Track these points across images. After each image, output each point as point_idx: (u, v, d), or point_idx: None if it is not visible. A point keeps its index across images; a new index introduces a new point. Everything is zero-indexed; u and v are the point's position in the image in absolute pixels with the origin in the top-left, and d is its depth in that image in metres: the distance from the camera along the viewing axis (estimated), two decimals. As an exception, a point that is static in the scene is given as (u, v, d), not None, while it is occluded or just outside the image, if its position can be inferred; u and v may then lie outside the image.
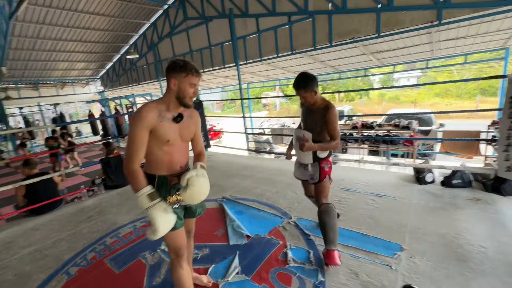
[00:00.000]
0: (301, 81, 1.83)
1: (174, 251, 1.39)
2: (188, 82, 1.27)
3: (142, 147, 1.25)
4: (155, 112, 1.27)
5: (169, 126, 1.30)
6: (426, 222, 2.22)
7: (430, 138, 5.00)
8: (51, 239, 2.59)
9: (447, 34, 5.84)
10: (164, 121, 1.28)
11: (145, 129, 1.25)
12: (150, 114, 1.25)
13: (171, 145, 1.32)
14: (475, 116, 17.17)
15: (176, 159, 1.36)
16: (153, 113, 1.26)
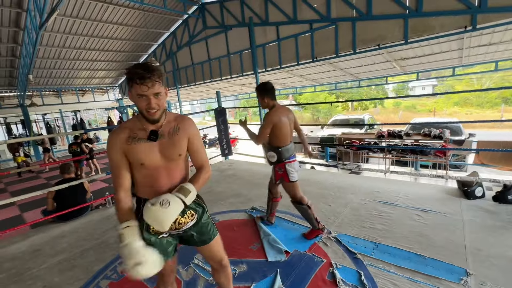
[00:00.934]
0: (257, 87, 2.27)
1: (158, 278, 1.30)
2: (135, 93, 1.03)
3: (121, 173, 1.11)
4: (125, 133, 1.11)
5: (142, 147, 1.10)
6: (487, 243, 1.99)
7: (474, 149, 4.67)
8: (79, 248, 2.51)
9: (480, 40, 5.58)
10: (136, 142, 1.10)
11: (117, 154, 1.10)
12: (118, 137, 1.10)
13: (150, 168, 1.12)
14: (499, 126, 16.42)
15: (162, 182, 1.15)
16: (121, 136, 1.11)
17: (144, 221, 1.08)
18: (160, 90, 1.04)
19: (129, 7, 8.03)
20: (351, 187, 3.35)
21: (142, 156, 1.10)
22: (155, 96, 1.04)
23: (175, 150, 1.15)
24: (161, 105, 1.07)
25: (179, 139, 1.16)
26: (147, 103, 1.04)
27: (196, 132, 1.23)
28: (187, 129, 1.19)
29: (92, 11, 7.76)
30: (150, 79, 1.00)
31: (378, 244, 2.11)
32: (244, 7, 7.44)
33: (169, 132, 1.15)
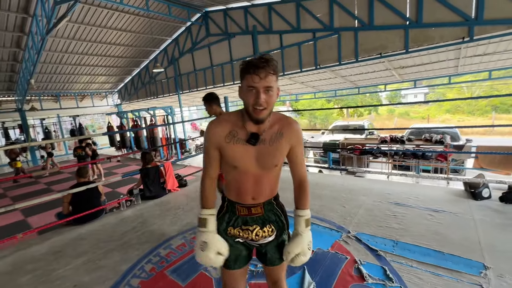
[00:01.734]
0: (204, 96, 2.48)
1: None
2: (246, 85, 0.95)
3: (212, 164, 1.10)
4: (225, 128, 1.04)
5: (239, 149, 1.02)
6: (499, 240, 2.11)
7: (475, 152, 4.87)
8: (101, 249, 2.53)
9: (475, 50, 5.87)
10: (234, 142, 1.02)
11: (212, 147, 1.06)
12: (217, 131, 1.04)
13: (241, 173, 1.06)
14: (490, 133, 16.94)
15: (248, 189, 1.08)
16: (220, 130, 1.04)
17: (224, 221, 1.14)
18: (272, 85, 0.93)
19: (134, 14, 8.15)
20: (362, 190, 3.46)
21: (237, 159, 1.03)
22: (265, 91, 0.93)
23: (273, 159, 1.04)
24: (270, 103, 0.95)
25: (280, 148, 1.04)
26: (255, 97, 0.93)
27: (300, 140, 1.09)
28: (291, 136, 1.05)
29: (98, 17, 7.86)
30: (264, 69, 0.90)
31: (397, 242, 2.21)
32: (247, 16, 7.65)
33: (271, 137, 1.03)
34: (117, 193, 6.17)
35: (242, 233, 1.13)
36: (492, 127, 16.88)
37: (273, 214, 1.15)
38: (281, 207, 1.20)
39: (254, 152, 1.02)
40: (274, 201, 1.16)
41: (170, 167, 4.07)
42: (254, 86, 0.92)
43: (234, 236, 1.14)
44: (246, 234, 1.13)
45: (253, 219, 1.13)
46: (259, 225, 1.12)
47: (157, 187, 3.82)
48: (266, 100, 0.94)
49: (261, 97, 0.92)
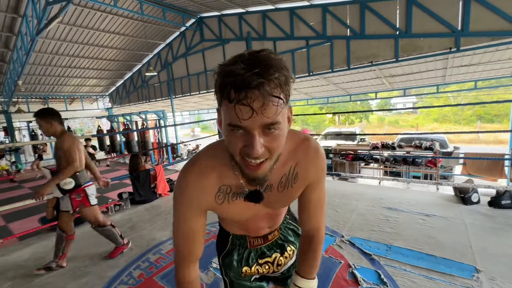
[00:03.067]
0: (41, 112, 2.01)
1: None
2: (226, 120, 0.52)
3: (195, 240, 0.71)
4: (211, 182, 0.65)
5: (238, 207, 0.69)
6: (490, 243, 2.14)
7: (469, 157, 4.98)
8: (88, 255, 2.43)
9: (461, 61, 6.09)
10: (229, 200, 0.68)
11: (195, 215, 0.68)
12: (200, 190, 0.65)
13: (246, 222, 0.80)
14: (476, 142, 17.50)
15: (261, 225, 0.83)
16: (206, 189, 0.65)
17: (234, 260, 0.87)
18: (279, 119, 0.50)
19: (127, 17, 8.11)
20: (354, 194, 3.47)
21: (237, 215, 0.73)
22: (266, 130, 0.50)
23: (285, 203, 0.75)
24: (275, 149, 0.53)
25: (295, 192, 0.72)
26: (246, 143, 0.51)
27: (322, 176, 0.73)
28: (309, 169, 0.69)
29: (90, 19, 7.77)
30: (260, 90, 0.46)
31: (391, 246, 2.21)
32: (242, 22, 7.73)
33: (280, 183, 0.68)
34: (105, 197, 6.00)
35: (261, 269, 0.87)
36: (478, 136, 17.40)
37: (289, 229, 0.92)
38: (294, 218, 0.97)
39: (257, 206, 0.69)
40: (287, 215, 0.93)
41: (161, 171, 3.99)
42: (243, 126, 0.49)
43: (251, 275, 0.89)
44: (265, 269, 0.87)
45: (269, 247, 0.87)
46: (279, 252, 0.88)
47: (147, 191, 3.73)
48: (268, 147, 0.52)
49: (256, 145, 0.50)
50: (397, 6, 5.30)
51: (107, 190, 6.60)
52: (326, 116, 26.59)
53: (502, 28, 4.40)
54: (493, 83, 13.57)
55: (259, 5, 7.00)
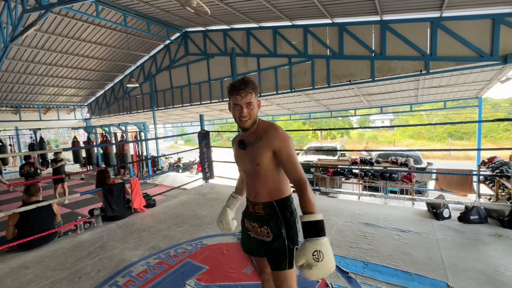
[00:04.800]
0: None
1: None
2: (232, 102, 1.22)
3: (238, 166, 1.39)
4: (236, 139, 1.36)
5: (238, 154, 1.32)
6: (460, 258, 2.20)
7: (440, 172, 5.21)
8: (48, 279, 2.23)
9: (431, 82, 6.53)
10: (234, 147, 1.35)
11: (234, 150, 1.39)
12: (234, 141, 1.37)
13: (241, 171, 1.37)
14: (448, 158, 18.52)
15: (249, 186, 1.31)
16: (235, 138, 1.38)
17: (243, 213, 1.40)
18: (252, 101, 1.19)
19: (110, 28, 8.03)
20: (334, 210, 3.50)
21: (236, 159, 1.34)
22: (247, 106, 1.18)
23: (254, 158, 1.21)
24: (252, 115, 1.20)
25: (259, 149, 1.19)
26: (239, 112, 1.19)
27: (284, 143, 1.16)
28: (270, 139, 1.18)
29: (71, 29, 7.62)
30: (244, 90, 1.16)
31: (367, 263, 2.21)
32: (227, 38, 7.89)
33: (254, 141, 1.23)
34: (77, 214, 5.64)
35: (249, 227, 1.33)
36: (449, 153, 18.45)
37: (273, 218, 1.22)
38: (284, 214, 1.23)
39: (244, 154, 1.26)
40: (276, 204, 1.24)
41: (137, 184, 3.82)
42: (238, 103, 1.18)
43: (246, 228, 1.37)
44: (251, 228, 1.32)
45: (255, 216, 1.28)
46: (258, 223, 1.27)
47: (121, 207, 3.54)
48: (248, 113, 1.20)
49: (243, 111, 1.19)
50: (372, 30, 5.67)
51: (79, 206, 6.22)
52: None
53: (465, 54, 4.80)
54: (461, 103, 14.63)
55: (243, 22, 7.20)
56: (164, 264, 2.36)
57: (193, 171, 11.09)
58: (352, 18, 5.83)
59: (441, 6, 4.67)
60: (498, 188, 4.56)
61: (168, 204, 4.21)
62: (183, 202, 4.26)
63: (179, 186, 5.85)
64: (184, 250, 2.60)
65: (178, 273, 2.21)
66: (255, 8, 6.09)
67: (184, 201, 4.35)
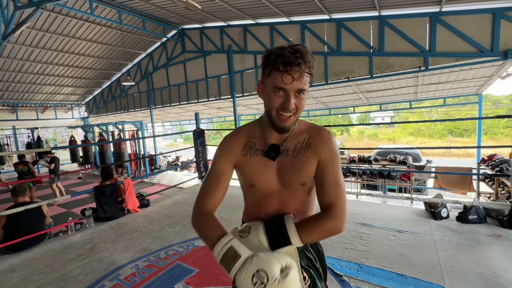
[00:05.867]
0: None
1: None
2: (272, 84, 0.74)
3: (218, 186, 0.86)
4: (242, 139, 0.88)
5: (257, 163, 0.84)
6: (458, 260, 2.14)
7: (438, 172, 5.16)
8: (34, 283, 2.17)
9: (431, 79, 6.43)
10: (251, 154, 0.85)
11: (226, 162, 0.87)
12: (234, 143, 0.88)
13: (260, 193, 0.86)
14: (448, 155, 18.42)
15: (270, 212, 0.86)
16: (238, 142, 0.88)
17: None
18: (305, 87, 0.75)
19: (106, 26, 7.92)
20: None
21: (254, 174, 0.85)
22: (297, 94, 0.74)
23: (298, 175, 0.83)
24: (300, 108, 0.77)
25: (307, 161, 0.82)
26: (283, 101, 0.74)
27: (334, 155, 0.82)
28: (320, 147, 0.82)
29: (65, 27, 7.51)
30: (300, 66, 0.71)
31: (362, 265, 2.15)
32: (223, 35, 7.78)
33: (295, 147, 0.84)
34: (72, 214, 5.58)
35: None
36: (449, 150, 18.36)
37: (306, 257, 0.87)
38: (317, 248, 0.91)
39: (274, 167, 0.84)
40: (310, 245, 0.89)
41: (130, 184, 3.76)
42: (284, 88, 0.73)
43: None
44: None
45: None
46: None
47: (113, 207, 3.48)
48: (296, 105, 0.75)
49: (291, 101, 0.74)
50: (371, 26, 5.56)
51: (73, 206, 6.16)
52: (308, 128, 27.05)
53: (465, 50, 4.71)
54: (462, 100, 14.50)
55: (240, 19, 7.09)
56: (153, 266, 2.30)
57: (192, 169, 11.04)
58: (350, 13, 5.72)
59: (440, 1, 4.56)
60: (498, 186, 4.49)
61: (162, 204, 4.15)
62: (177, 202, 4.20)
63: (175, 185, 5.78)
64: (175, 252, 2.54)
65: (167, 276, 2.15)
66: (251, 4, 5.98)
67: (179, 200, 4.29)
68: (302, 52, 0.72)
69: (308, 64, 0.72)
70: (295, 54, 0.71)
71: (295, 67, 0.70)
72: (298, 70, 0.71)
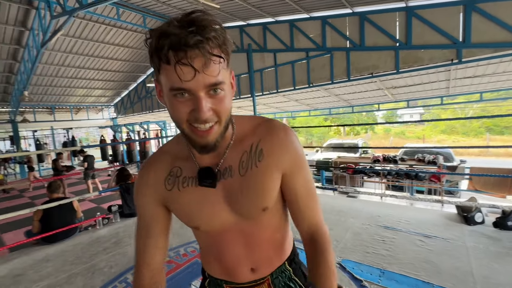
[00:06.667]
0: None
1: None
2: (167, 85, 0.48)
3: (152, 237, 0.63)
4: (162, 166, 0.62)
5: (191, 196, 0.60)
6: (494, 271, 1.95)
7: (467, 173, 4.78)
8: (65, 273, 2.33)
9: (465, 72, 5.96)
10: (181, 185, 0.60)
11: (150, 204, 0.63)
12: (150, 172, 0.63)
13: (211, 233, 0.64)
14: (486, 154, 17.00)
15: (236, 255, 0.65)
16: (157, 172, 0.62)
17: None
18: (221, 79, 0.47)
19: (131, 30, 8.30)
20: (351, 211, 3.31)
21: (192, 214, 0.61)
22: (211, 92, 0.48)
23: (254, 201, 0.59)
24: (221, 111, 0.50)
25: (263, 178, 0.58)
26: (192, 107, 0.48)
27: (300, 159, 0.61)
28: (280, 153, 0.59)
29: (95, 33, 7.98)
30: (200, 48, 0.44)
31: (384, 270, 2.04)
32: (243, 34, 7.81)
33: (241, 163, 0.59)
34: (100, 209, 5.94)
35: None
36: (487, 149, 16.94)
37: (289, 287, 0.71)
38: (303, 274, 0.73)
39: (219, 195, 0.59)
40: (289, 266, 0.72)
41: (153, 183, 3.91)
42: (186, 88, 0.45)
43: None
44: None
45: None
46: None
47: (137, 204, 3.64)
48: (215, 109, 0.49)
49: (202, 107, 0.46)
50: (397, 18, 5.27)
51: (102, 201, 6.55)
52: (330, 127, 26.45)
53: (505, 39, 4.28)
54: (502, 94, 13.24)
55: (259, 18, 7.07)
56: (173, 262, 2.37)
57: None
58: (374, 6, 5.46)
59: (476, -13, 4.20)
60: (544, 189, 4.04)
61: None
62: (197, 200, 4.30)
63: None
64: (193, 249, 2.60)
65: (185, 272, 2.20)
66: (271, 1, 5.93)
67: (199, 198, 4.38)
68: (199, 22, 0.44)
69: (216, 41, 0.45)
70: (187, 28, 0.44)
71: (192, 50, 0.43)
72: (200, 53, 0.44)
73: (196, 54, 0.44)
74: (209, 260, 0.72)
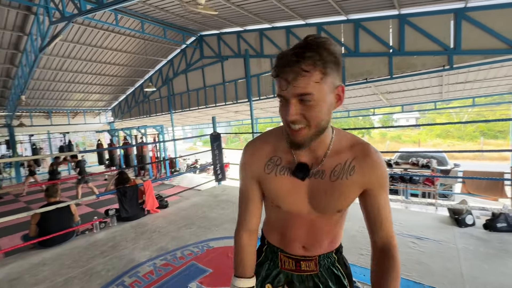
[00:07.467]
0: None
1: None
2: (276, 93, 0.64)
3: (249, 207, 0.80)
4: (265, 152, 0.76)
5: (284, 183, 0.74)
6: (483, 271, 2.01)
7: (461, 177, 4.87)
8: (62, 277, 2.34)
9: (457, 78, 6.10)
10: (276, 172, 0.74)
11: (249, 180, 0.79)
12: (255, 156, 0.77)
13: (287, 215, 0.78)
14: (480, 158, 17.22)
15: (297, 235, 0.80)
16: (260, 156, 0.77)
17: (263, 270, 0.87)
18: (311, 90, 0.58)
19: (129, 35, 8.38)
20: (347, 215, 3.35)
21: (281, 196, 0.75)
22: (299, 100, 0.60)
23: (334, 202, 0.72)
24: (310, 118, 0.61)
25: (348, 189, 0.71)
26: (285, 111, 0.62)
27: (384, 182, 0.73)
28: (369, 173, 0.70)
29: (93, 38, 8.04)
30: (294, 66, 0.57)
31: (377, 272, 2.08)
32: (240, 40, 7.92)
33: (334, 171, 0.71)
34: (97, 213, 5.92)
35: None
36: (481, 153, 17.15)
37: (333, 275, 0.84)
38: (345, 265, 0.88)
39: (305, 188, 0.73)
40: (335, 255, 0.85)
41: (150, 186, 3.93)
42: (282, 95, 0.62)
43: None
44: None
45: (302, 278, 0.82)
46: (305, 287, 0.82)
47: (134, 208, 3.66)
48: (304, 115, 0.61)
49: (290, 110, 0.60)
50: (390, 25, 5.40)
51: (99, 205, 6.53)
52: (327, 131, 26.54)
53: (494, 46, 4.42)
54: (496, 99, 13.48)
55: (256, 24, 7.19)
56: (169, 265, 2.39)
57: (210, 172, 11.26)
58: (368, 13, 5.60)
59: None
60: (535, 192, 4.13)
61: (180, 206, 4.28)
62: (194, 204, 4.32)
63: (193, 187, 5.94)
64: (190, 252, 2.62)
65: (182, 275, 2.22)
66: (267, 8, 6.05)
67: (196, 202, 4.40)
68: (306, 45, 0.58)
69: (313, 58, 0.57)
70: (295, 50, 0.59)
71: (288, 68, 0.58)
72: (293, 70, 0.57)
73: (290, 70, 0.58)
74: (273, 231, 0.86)
